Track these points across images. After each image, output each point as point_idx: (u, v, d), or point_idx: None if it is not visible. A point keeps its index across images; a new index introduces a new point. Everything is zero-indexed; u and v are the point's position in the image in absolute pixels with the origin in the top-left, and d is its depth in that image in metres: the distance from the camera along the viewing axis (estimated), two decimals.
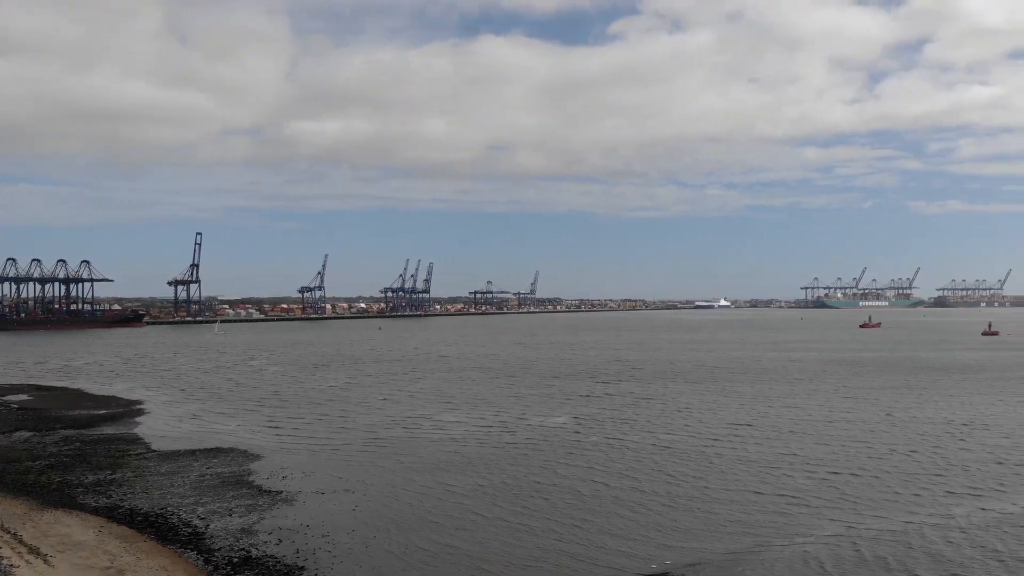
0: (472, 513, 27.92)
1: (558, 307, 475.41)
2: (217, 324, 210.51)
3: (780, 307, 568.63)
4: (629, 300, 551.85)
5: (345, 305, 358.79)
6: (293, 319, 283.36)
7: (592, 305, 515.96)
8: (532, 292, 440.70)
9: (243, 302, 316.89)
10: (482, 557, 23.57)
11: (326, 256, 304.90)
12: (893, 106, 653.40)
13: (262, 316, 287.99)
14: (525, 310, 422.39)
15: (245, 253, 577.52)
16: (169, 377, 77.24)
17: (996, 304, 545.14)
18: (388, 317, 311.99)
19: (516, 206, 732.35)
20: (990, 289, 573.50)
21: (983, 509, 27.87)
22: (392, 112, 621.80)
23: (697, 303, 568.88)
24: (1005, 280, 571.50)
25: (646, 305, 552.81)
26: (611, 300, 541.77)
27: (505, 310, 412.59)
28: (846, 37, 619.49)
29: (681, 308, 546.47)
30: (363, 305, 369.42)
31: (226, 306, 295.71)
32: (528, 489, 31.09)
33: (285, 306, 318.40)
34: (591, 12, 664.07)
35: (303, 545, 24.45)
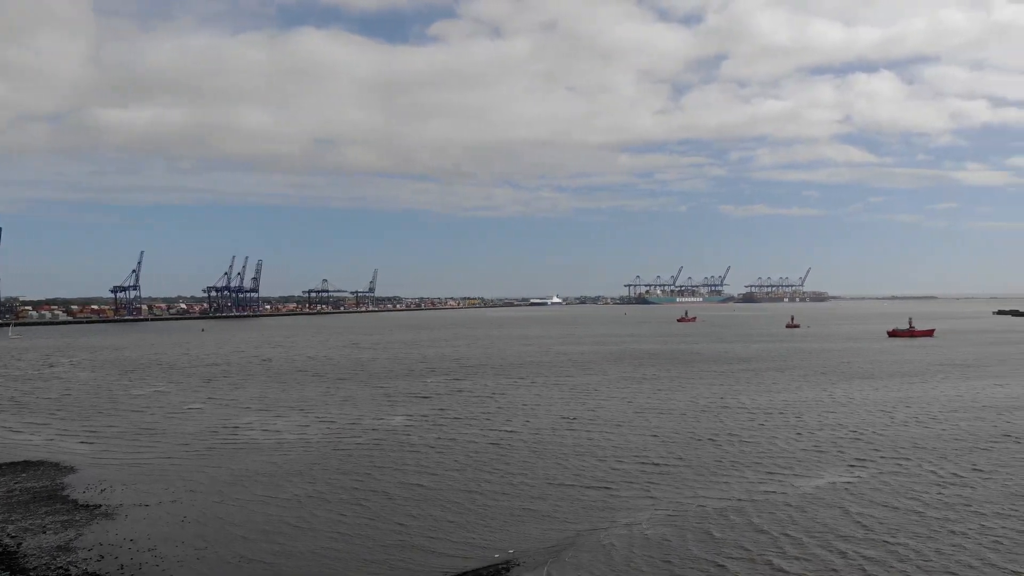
0: (307, 518, 27.22)
1: (398, 306, 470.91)
2: (11, 328, 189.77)
3: (607, 303, 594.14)
4: (469, 298, 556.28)
5: (163, 306, 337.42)
6: (105, 321, 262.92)
7: (432, 304, 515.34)
8: (371, 291, 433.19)
9: (48, 303, 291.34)
10: (320, 560, 23.13)
11: (142, 253, 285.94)
12: (697, 117, 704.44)
13: (69, 318, 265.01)
14: (363, 309, 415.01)
15: (51, 249, 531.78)
16: None
17: (798, 299, 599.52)
18: (212, 318, 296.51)
19: (352, 203, 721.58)
20: (792, 286, 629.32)
21: (792, 485, 30.51)
22: (207, 102, 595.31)
23: (532, 300, 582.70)
24: (805, 277, 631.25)
25: (485, 303, 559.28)
26: (451, 298, 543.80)
27: (342, 309, 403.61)
28: (652, 51, 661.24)
29: (517, 305, 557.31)
30: (184, 306, 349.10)
31: (29, 307, 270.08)
32: (364, 490, 30.73)
33: (96, 307, 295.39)
34: (409, 12, 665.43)
35: (128, 560, 22.94)
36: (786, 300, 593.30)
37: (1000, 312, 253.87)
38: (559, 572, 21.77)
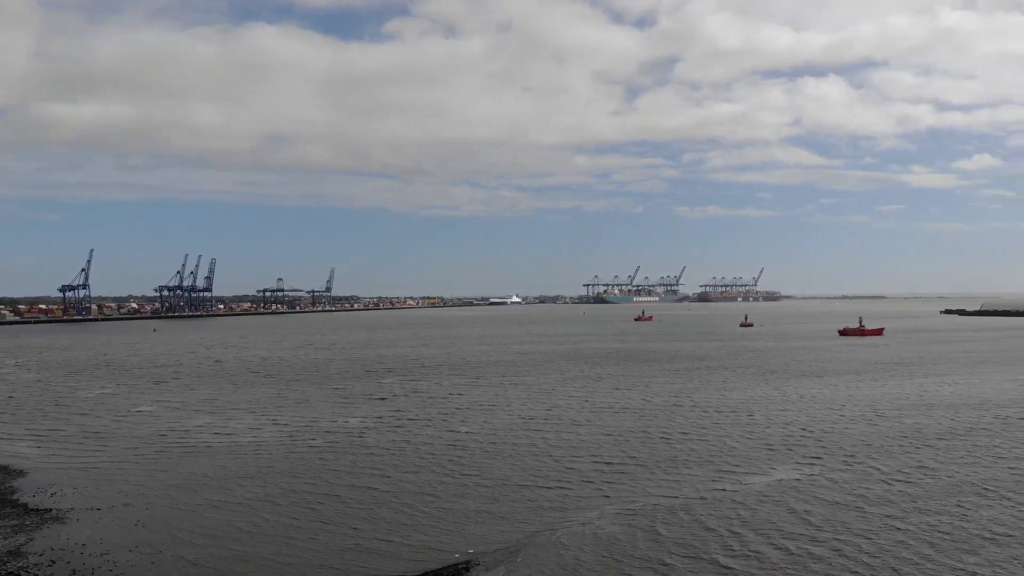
0: (260, 522, 27.02)
1: (355, 305, 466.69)
2: None
3: (566, 303, 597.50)
4: (428, 297, 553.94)
5: (114, 305, 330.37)
6: (53, 321, 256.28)
7: (391, 303, 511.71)
8: (327, 290, 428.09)
9: None
10: (275, 565, 23.03)
11: (91, 251, 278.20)
12: (651, 119, 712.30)
13: (17, 318, 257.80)
14: (319, 309, 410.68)
15: None
16: None
17: (751, 299, 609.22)
18: (164, 318, 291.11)
19: (308, 200, 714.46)
20: (746, 285, 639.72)
21: (742, 483, 31.17)
22: (156, 97, 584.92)
23: (492, 300, 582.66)
24: (759, 277, 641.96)
25: (444, 302, 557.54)
26: (410, 298, 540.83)
27: (298, 309, 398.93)
28: (606, 53, 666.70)
29: (477, 305, 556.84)
30: (135, 305, 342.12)
31: None
32: (318, 494, 30.58)
33: (44, 307, 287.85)
34: (363, 10, 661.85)
35: (80, 565, 22.63)
36: (740, 299, 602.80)
37: (947, 311, 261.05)
38: (513, 572, 22.02)
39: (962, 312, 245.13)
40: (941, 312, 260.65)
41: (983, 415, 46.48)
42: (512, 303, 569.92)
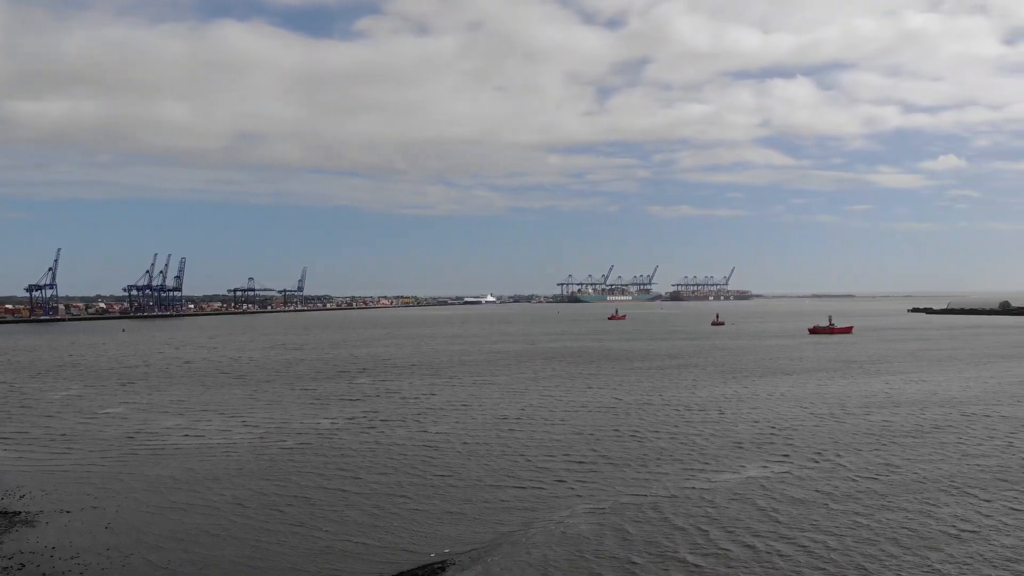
0: (233, 524, 26.86)
1: (328, 305, 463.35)
2: None
3: (540, 302, 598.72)
4: (402, 297, 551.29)
5: (81, 305, 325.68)
6: (20, 321, 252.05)
7: (365, 303, 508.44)
8: (299, 290, 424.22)
9: None
10: (245, 568, 22.92)
11: (59, 250, 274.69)
12: (623, 120, 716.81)
13: None
14: (291, 309, 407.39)
15: None
16: None
17: (722, 298, 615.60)
18: (133, 318, 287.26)
19: (280, 199, 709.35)
20: (717, 284, 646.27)
21: (710, 480, 31.51)
22: (124, 94, 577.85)
23: (466, 299, 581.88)
24: (730, 276, 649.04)
25: (418, 302, 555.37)
26: (384, 297, 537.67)
27: (269, 309, 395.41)
28: (577, 53, 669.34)
29: (451, 304, 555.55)
30: (103, 305, 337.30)
31: None
32: (290, 496, 30.41)
33: (10, 307, 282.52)
34: (334, 7, 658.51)
35: (50, 568, 22.33)
36: (711, 298, 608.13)
37: (914, 310, 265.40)
38: (487, 572, 22.09)
39: (929, 311, 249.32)
40: (909, 311, 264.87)
41: (949, 412, 47.34)
42: (487, 302, 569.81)
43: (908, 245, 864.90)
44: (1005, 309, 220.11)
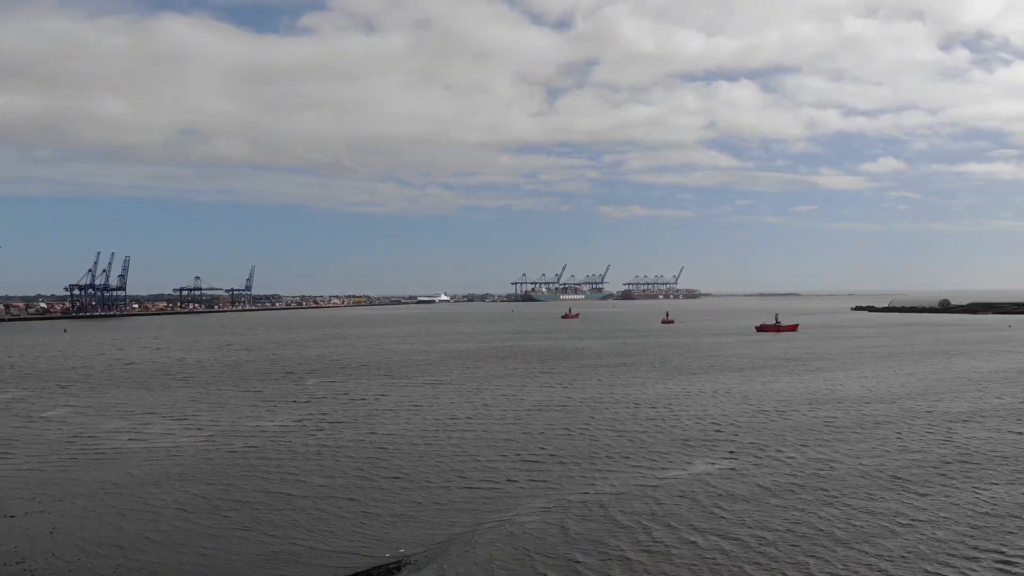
0: (179, 529, 26.39)
1: (277, 304, 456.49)
2: None
3: (494, 301, 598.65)
4: (354, 296, 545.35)
5: (21, 305, 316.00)
6: None
7: (315, 302, 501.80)
8: (247, 289, 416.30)
9: None
10: (196, 572, 22.57)
11: None
12: (571, 121, 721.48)
13: None
14: (239, 308, 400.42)
15: None
16: None
17: (672, 296, 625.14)
18: (75, 318, 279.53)
19: (225, 196, 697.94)
20: (667, 284, 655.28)
21: (657, 477, 31.93)
22: (61, 88, 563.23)
23: (420, 298, 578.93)
24: (679, 276, 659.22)
25: (371, 301, 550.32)
26: (335, 296, 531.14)
27: (216, 308, 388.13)
28: (525, 54, 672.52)
29: (405, 303, 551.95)
30: (44, 305, 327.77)
31: None
32: (238, 500, 30.01)
33: None
34: (278, 2, 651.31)
35: None
36: (661, 297, 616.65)
37: (857, 308, 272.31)
38: (437, 572, 22.07)
39: (871, 309, 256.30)
40: (852, 309, 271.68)
41: (891, 408, 48.67)
42: (440, 301, 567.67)
43: (851, 245, 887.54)
44: (944, 307, 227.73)
